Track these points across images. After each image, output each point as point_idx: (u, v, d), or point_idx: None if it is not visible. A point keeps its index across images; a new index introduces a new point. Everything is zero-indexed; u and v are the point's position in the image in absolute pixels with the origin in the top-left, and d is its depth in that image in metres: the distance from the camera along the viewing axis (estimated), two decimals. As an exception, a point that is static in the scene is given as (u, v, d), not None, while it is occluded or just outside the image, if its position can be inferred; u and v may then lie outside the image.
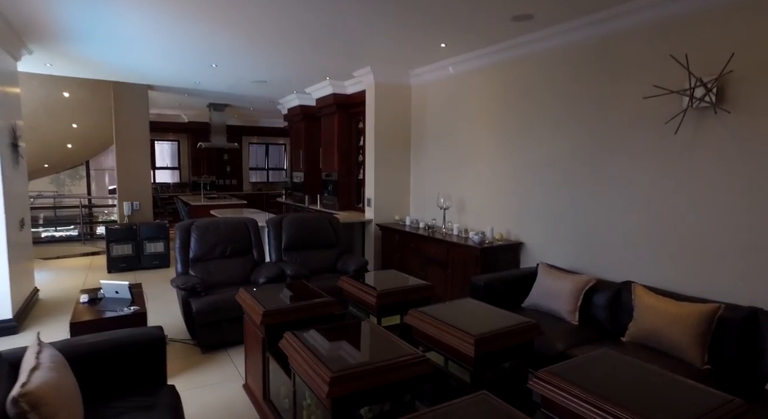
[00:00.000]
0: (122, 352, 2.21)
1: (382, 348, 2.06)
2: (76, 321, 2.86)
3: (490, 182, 4.70)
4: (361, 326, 2.38)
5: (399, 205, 5.95)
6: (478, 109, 4.83)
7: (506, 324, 2.34)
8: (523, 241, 4.34)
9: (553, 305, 3.34)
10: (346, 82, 6.38)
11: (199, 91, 7.41)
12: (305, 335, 2.18)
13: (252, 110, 9.93)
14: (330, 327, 2.36)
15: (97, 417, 1.96)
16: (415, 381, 1.97)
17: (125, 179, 6.75)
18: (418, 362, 1.96)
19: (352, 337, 2.23)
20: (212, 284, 4.04)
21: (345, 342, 2.14)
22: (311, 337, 2.17)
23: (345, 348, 2.06)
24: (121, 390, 2.19)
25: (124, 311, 2.99)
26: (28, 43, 4.64)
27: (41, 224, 9.28)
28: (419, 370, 1.94)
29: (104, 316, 2.92)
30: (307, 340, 2.11)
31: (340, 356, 1.96)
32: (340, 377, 1.76)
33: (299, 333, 2.22)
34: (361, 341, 2.19)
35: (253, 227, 4.54)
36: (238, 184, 12.46)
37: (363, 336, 2.26)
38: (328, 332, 2.27)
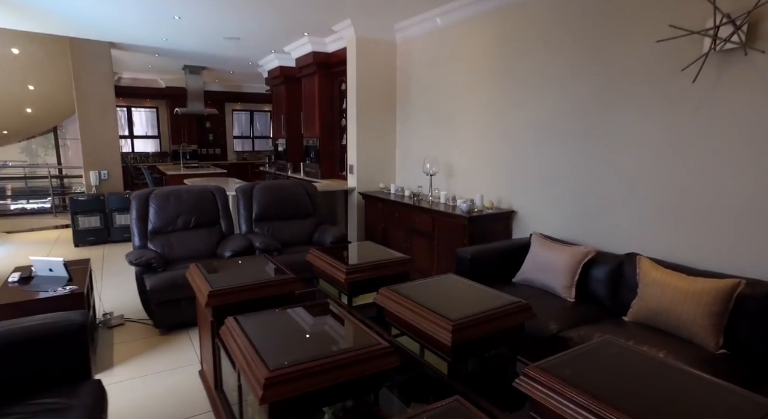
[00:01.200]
0: (33, 342, 1.85)
1: (339, 338, 1.71)
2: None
3: (481, 145, 4.28)
4: (321, 308, 2.02)
5: (384, 172, 5.54)
6: (467, 65, 4.35)
7: (491, 305, 1.98)
8: (515, 209, 3.96)
9: (547, 280, 3.00)
10: (327, 39, 5.84)
11: (170, 51, 6.83)
12: (249, 321, 1.82)
13: (232, 74, 9.32)
14: (284, 310, 2.00)
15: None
16: (379, 378, 1.62)
17: (91, 147, 6.27)
18: (382, 354, 1.60)
19: (306, 323, 1.87)
20: (173, 259, 3.67)
21: (297, 330, 1.77)
22: (256, 323, 1.80)
23: (295, 338, 1.70)
24: (35, 387, 1.84)
25: (57, 291, 2.61)
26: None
27: (9, 196, 8.81)
28: (383, 364, 1.59)
29: (32, 297, 2.54)
30: (248, 328, 1.74)
31: (285, 349, 1.60)
32: (278, 378, 1.40)
33: (243, 318, 1.85)
34: (317, 328, 1.83)
35: (220, 196, 4.13)
36: (222, 153, 11.93)
37: (320, 321, 1.90)
38: (280, 317, 1.91)
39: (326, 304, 2.04)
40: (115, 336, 3.28)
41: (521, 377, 1.44)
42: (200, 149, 11.29)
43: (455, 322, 1.79)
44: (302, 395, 1.45)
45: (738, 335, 2.19)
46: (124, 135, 10.92)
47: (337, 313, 1.94)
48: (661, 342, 2.21)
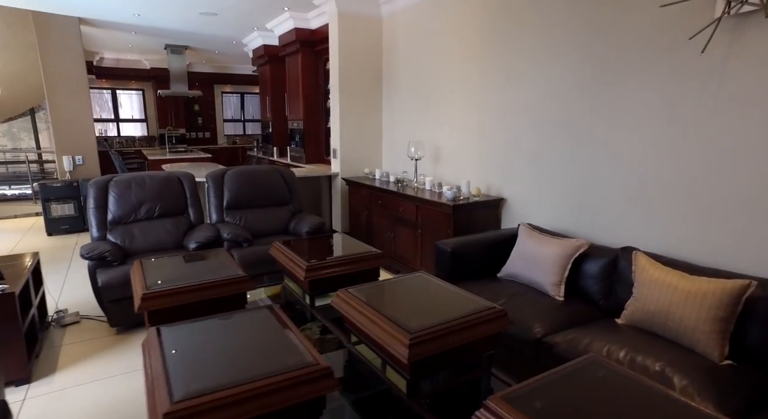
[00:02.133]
0: None
1: (270, 356, 1.43)
2: None
3: (469, 127, 3.96)
4: (263, 316, 1.74)
5: (369, 156, 5.23)
6: (455, 39, 4.00)
7: (461, 312, 1.71)
8: (505, 197, 3.67)
9: (534, 276, 2.72)
10: (309, 15, 5.47)
11: (146, 29, 6.46)
12: (172, 333, 1.55)
13: (217, 54, 8.93)
14: (220, 318, 1.72)
15: None
16: (315, 405, 1.36)
17: (62, 130, 5.96)
18: (316, 377, 1.33)
19: (239, 336, 1.60)
20: (135, 251, 3.41)
21: (224, 346, 1.50)
22: (180, 336, 1.54)
23: (217, 356, 1.43)
24: None
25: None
26: None
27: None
28: (316, 390, 1.32)
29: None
30: (168, 342, 1.47)
31: (201, 372, 1.32)
32: (180, 412, 1.14)
33: (168, 329, 1.58)
34: (249, 342, 1.55)
35: (189, 182, 3.83)
36: (212, 137, 11.60)
37: (257, 333, 1.62)
38: (211, 327, 1.63)
39: (270, 309, 1.77)
40: (66, 336, 3.03)
41: (481, 410, 1.16)
42: (189, 132, 10.96)
43: (414, 335, 1.52)
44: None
45: (746, 343, 1.92)
46: (109, 118, 10.59)
47: (277, 322, 1.67)
48: (658, 350, 1.94)
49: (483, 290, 2.68)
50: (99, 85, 10.05)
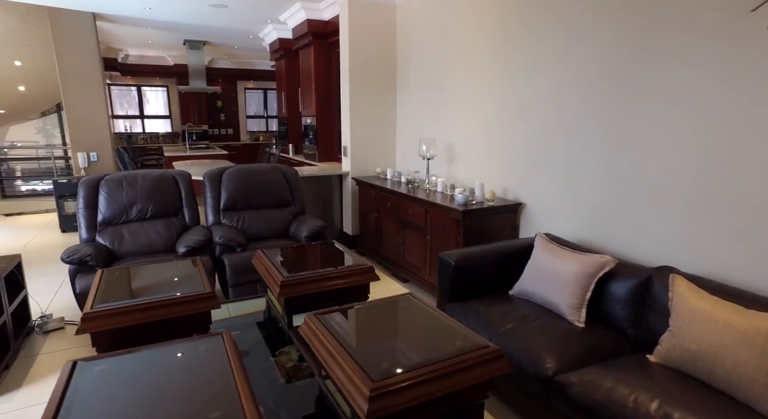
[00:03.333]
0: None
1: (174, 401, 1.14)
2: None
3: (485, 123, 3.58)
4: (207, 348, 1.46)
5: (382, 155, 4.91)
6: (473, 21, 3.62)
7: (443, 353, 1.37)
8: (523, 201, 3.28)
9: (550, 296, 2.34)
10: (321, 5, 5.18)
11: (160, 23, 6.35)
12: (84, 373, 1.28)
13: (237, 49, 8.80)
14: (149, 351, 1.45)
15: None
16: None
17: (77, 127, 5.92)
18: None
19: (168, 377, 1.32)
20: (123, 255, 3.23)
21: (141, 393, 1.22)
22: (101, 372, 1.27)
23: (124, 408, 1.15)
24: None
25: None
26: None
27: (18, 177, 8.73)
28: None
29: None
30: (72, 386, 1.21)
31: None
32: None
33: (90, 364, 1.33)
34: (166, 387, 1.27)
35: (184, 182, 3.63)
36: (235, 133, 11.56)
37: (186, 373, 1.34)
38: (139, 362, 1.36)
39: (223, 337, 1.48)
40: (46, 344, 2.87)
41: None
42: (211, 129, 10.94)
43: (376, 385, 1.20)
44: None
45: (819, 400, 1.50)
46: (134, 115, 10.70)
47: (227, 358, 1.38)
48: (702, 404, 1.54)
49: (489, 311, 2.33)
50: (124, 82, 10.15)
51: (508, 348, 2.07)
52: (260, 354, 2.03)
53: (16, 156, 9.08)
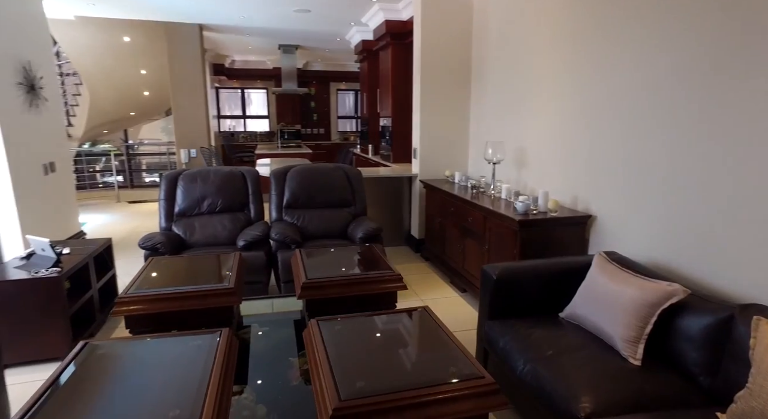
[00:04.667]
0: None
1: (143, 394, 1.17)
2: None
3: (557, 126, 3.26)
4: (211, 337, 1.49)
5: (453, 158, 4.74)
6: (547, 16, 3.32)
7: (427, 378, 1.25)
8: (594, 214, 2.92)
9: (603, 324, 2.04)
10: (400, 5, 5.16)
11: (256, 29, 6.82)
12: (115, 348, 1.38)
13: (328, 52, 9.16)
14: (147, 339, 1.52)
15: None
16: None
17: (182, 126, 6.61)
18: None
19: (148, 377, 1.36)
20: (193, 244, 3.50)
21: (127, 390, 1.27)
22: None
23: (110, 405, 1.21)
24: None
25: (39, 273, 2.54)
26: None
27: (144, 170, 10.00)
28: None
29: (6, 277, 2.50)
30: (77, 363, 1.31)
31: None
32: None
33: (92, 346, 1.43)
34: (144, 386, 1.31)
35: (252, 179, 3.85)
36: (326, 133, 12.07)
37: (151, 364, 1.37)
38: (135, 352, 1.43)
39: (218, 335, 1.51)
40: (119, 327, 3.20)
41: None
42: (304, 128, 11.54)
43: (341, 404, 1.12)
44: None
45: None
46: (237, 115, 11.68)
47: (203, 359, 1.40)
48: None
49: (530, 333, 2.10)
50: (230, 85, 11.12)
51: (541, 378, 1.84)
52: (285, 353, 2.05)
53: (143, 152, 10.45)
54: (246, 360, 2.04)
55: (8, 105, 3.87)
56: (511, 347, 2.10)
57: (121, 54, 6.90)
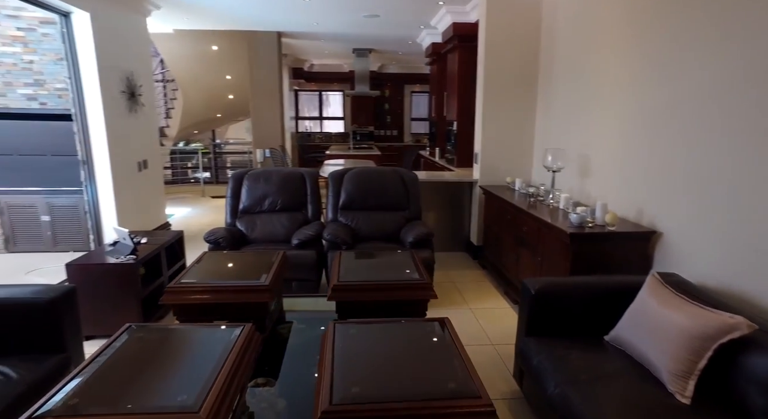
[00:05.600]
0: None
1: (157, 376, 1.27)
2: (73, 262, 2.86)
3: (623, 133, 3.02)
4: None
5: (515, 164, 4.56)
6: (615, 20, 3.08)
7: (421, 391, 1.23)
8: (660, 230, 2.67)
9: (649, 353, 1.86)
10: (467, 7, 5.07)
11: (329, 35, 7.09)
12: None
13: (401, 54, 9.24)
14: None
15: None
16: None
17: (258, 127, 7.06)
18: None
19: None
20: (253, 240, 3.74)
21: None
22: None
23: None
24: (11, 351, 1.95)
25: (119, 259, 2.88)
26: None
27: (228, 167, 10.81)
28: None
29: (98, 261, 2.86)
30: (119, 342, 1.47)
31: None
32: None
33: (134, 328, 1.59)
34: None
35: (311, 180, 4.02)
36: (399, 135, 12.18)
37: (171, 350, 1.48)
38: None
39: (240, 329, 1.61)
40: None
41: None
42: (377, 130, 11.75)
43: (330, 407, 1.16)
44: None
45: None
46: (314, 116, 12.20)
47: (219, 351, 1.50)
48: None
49: (566, 354, 1.98)
50: (308, 88, 11.65)
51: (570, 403, 1.72)
52: (317, 351, 2.12)
53: (228, 151, 11.31)
54: (281, 355, 2.15)
55: (113, 111, 4.41)
56: (544, 366, 1.99)
57: (209, 61, 7.55)
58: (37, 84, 4.67)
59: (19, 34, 4.55)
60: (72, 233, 4.85)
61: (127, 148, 4.69)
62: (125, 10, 4.69)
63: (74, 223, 4.82)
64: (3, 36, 4.51)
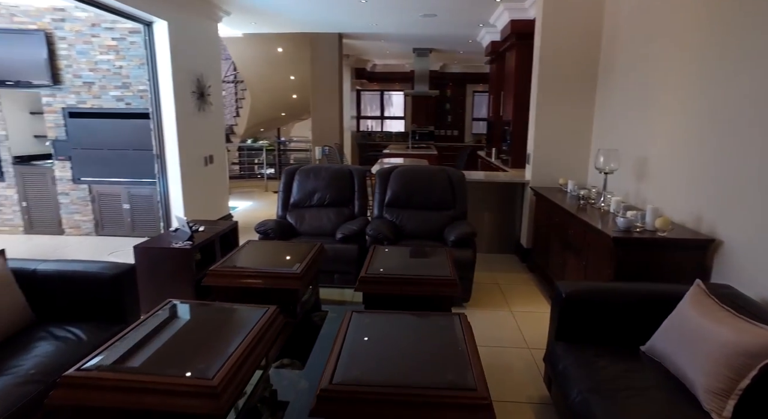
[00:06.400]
0: (71, 282, 2.24)
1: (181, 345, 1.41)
2: (139, 245, 3.18)
3: (685, 133, 2.81)
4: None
5: (570, 165, 4.38)
6: (690, 2, 2.88)
7: (415, 381, 1.27)
8: (720, 238, 2.46)
9: (685, 367, 1.74)
10: (527, 3, 4.94)
11: (388, 35, 7.19)
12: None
13: (462, 54, 9.15)
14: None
15: (32, 330, 2.07)
16: None
17: (318, 126, 7.32)
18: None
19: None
20: (301, 232, 3.92)
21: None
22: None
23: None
24: (71, 317, 2.22)
25: (177, 244, 3.16)
26: (223, 6, 5.34)
27: (292, 164, 11.31)
28: None
29: (158, 245, 3.15)
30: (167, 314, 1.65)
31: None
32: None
33: (175, 305, 1.77)
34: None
35: (359, 176, 4.13)
36: (460, 135, 12.05)
37: (197, 324, 1.61)
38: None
39: (264, 311, 1.73)
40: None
41: None
42: (437, 130, 11.69)
43: (328, 386, 1.22)
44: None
45: None
46: (375, 116, 12.39)
47: (243, 326, 1.62)
48: None
49: (594, 362, 1.91)
50: (371, 88, 11.86)
51: (591, 412, 1.66)
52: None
53: (292, 148, 11.82)
54: (312, 341, 2.26)
55: (184, 109, 4.81)
56: (569, 372, 1.93)
57: (275, 63, 7.96)
58: (124, 87, 5.19)
59: (113, 44, 5.10)
60: (147, 220, 5.35)
61: (195, 144, 5.09)
62: (198, 17, 5.09)
63: (149, 211, 5.32)
64: (101, 46, 5.08)
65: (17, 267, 2.19)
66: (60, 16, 5.02)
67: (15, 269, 2.17)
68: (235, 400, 1.29)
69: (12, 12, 5.01)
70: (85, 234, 5.48)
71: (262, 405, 1.69)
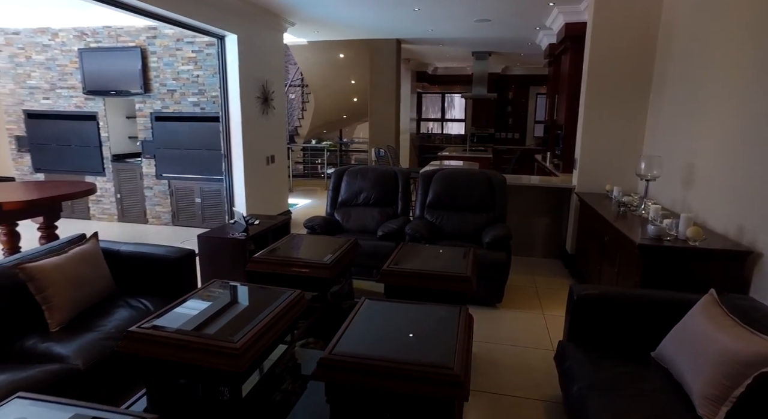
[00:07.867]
0: (145, 262, 2.67)
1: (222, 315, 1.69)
2: (202, 234, 3.62)
3: (739, 140, 2.72)
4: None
5: (619, 171, 4.27)
6: (741, 6, 2.78)
7: (402, 357, 1.46)
8: (760, 251, 2.38)
9: (685, 372, 1.77)
10: (581, 6, 4.86)
11: (445, 40, 7.32)
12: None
13: (523, 56, 9.03)
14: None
15: (114, 299, 2.51)
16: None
17: (375, 128, 7.62)
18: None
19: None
20: (347, 229, 4.20)
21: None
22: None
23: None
24: (144, 292, 2.65)
25: (234, 235, 3.56)
26: (288, 18, 5.80)
27: (353, 164, 11.75)
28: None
29: (217, 235, 3.58)
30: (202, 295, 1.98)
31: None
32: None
33: (218, 283, 2.09)
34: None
35: (403, 178, 4.35)
36: (521, 138, 11.83)
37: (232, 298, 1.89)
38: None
39: (293, 294, 2.00)
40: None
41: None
42: (497, 132, 11.58)
43: (329, 355, 1.45)
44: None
45: None
46: (436, 118, 12.50)
47: (273, 302, 1.89)
48: None
49: (597, 363, 1.98)
50: (432, 91, 11.99)
51: (586, 408, 1.74)
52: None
53: (353, 149, 12.28)
54: (339, 325, 2.51)
55: (250, 113, 5.30)
56: (573, 370, 2.01)
57: (337, 68, 8.38)
58: (200, 93, 5.81)
59: (192, 55, 5.74)
60: (215, 212, 5.94)
61: (258, 144, 5.57)
62: (265, 29, 5.57)
63: (217, 205, 5.89)
64: (183, 57, 5.75)
65: (106, 247, 2.66)
66: (152, 34, 5.74)
67: (104, 248, 2.64)
68: (254, 362, 1.56)
69: (119, 33, 5.83)
70: (164, 224, 6.18)
71: (285, 374, 1.96)
